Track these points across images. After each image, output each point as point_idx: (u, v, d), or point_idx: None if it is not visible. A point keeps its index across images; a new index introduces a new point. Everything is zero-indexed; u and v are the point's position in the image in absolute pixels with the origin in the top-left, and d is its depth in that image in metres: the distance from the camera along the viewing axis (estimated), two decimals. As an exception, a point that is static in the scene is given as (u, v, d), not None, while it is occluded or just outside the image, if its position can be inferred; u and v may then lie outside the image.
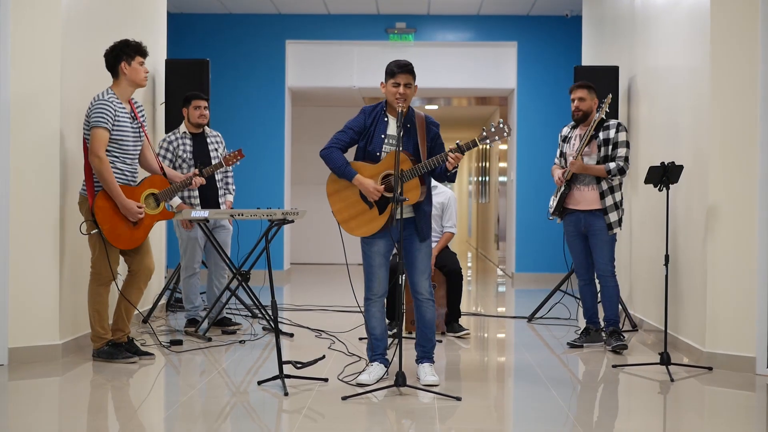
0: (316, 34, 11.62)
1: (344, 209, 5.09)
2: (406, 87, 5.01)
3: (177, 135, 6.90)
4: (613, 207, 6.20)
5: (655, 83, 6.99)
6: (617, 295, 6.31)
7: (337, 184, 5.10)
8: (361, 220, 5.06)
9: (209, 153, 6.92)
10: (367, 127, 5.07)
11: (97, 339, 5.68)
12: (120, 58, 5.57)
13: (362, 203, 5.06)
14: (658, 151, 6.77)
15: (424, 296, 5.14)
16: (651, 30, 7.13)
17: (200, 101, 6.91)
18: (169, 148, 6.84)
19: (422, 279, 5.13)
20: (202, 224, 6.68)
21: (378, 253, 5.09)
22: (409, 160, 4.97)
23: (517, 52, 11.55)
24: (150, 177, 5.77)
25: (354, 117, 5.15)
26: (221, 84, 11.33)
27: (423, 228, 5.09)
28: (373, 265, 5.10)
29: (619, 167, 6.13)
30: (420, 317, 5.18)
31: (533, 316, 7.83)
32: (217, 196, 6.93)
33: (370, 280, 5.11)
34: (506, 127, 4.90)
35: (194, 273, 7.00)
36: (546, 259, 11.43)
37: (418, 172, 4.92)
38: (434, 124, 5.16)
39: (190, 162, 6.82)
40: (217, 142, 7.05)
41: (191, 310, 7.03)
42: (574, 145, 6.38)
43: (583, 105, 6.31)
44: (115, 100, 5.51)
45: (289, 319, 7.66)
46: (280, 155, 11.64)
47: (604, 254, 6.25)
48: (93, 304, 5.64)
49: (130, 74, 5.57)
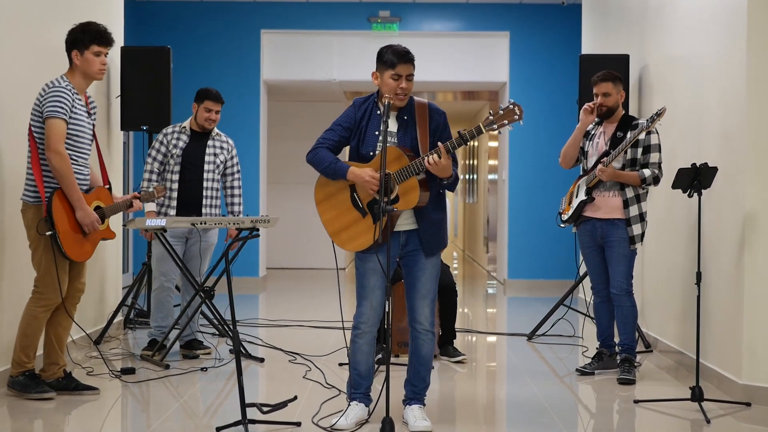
0: (293, 23, 10.95)
1: (335, 219, 4.25)
2: (408, 80, 4.20)
3: (176, 129, 6.09)
4: (638, 218, 5.40)
5: (673, 73, 6.21)
6: (633, 317, 5.52)
7: (327, 188, 4.27)
8: (353, 231, 4.22)
9: (204, 156, 6.08)
10: (358, 123, 4.25)
11: (15, 365, 4.83)
12: (73, 44, 4.76)
13: (354, 210, 4.23)
14: (677, 149, 5.99)
15: (424, 327, 4.29)
16: (667, 14, 6.35)
17: (214, 104, 6.07)
18: (164, 142, 6.03)
19: (423, 305, 4.29)
20: (160, 234, 5.84)
21: (374, 270, 4.23)
22: (406, 156, 4.15)
23: (509, 42, 10.93)
24: (98, 188, 4.96)
25: (345, 110, 4.33)
26: (190, 76, 10.53)
27: (429, 240, 4.24)
28: (366, 285, 4.26)
29: (654, 176, 5.35)
30: (415, 351, 4.34)
31: (534, 333, 7.03)
32: (200, 205, 6.07)
33: (362, 305, 4.27)
34: (517, 108, 4.05)
35: (162, 287, 6.11)
36: (540, 265, 10.77)
37: (412, 170, 4.10)
38: (438, 113, 4.33)
39: (177, 159, 6.00)
40: (223, 148, 6.19)
41: (156, 330, 6.18)
42: (597, 144, 5.58)
43: (608, 101, 5.51)
44: (72, 89, 4.70)
45: (260, 339, 6.82)
46: (255, 153, 10.94)
47: (621, 269, 5.46)
48: (24, 326, 4.78)
49: (81, 65, 4.76)
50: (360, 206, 4.21)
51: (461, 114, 16.63)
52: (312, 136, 4.28)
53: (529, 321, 7.60)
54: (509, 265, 10.89)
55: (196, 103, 6.08)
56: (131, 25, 10.23)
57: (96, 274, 6.61)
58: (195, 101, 6.08)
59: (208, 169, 6.09)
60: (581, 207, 5.57)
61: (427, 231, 4.22)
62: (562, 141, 5.82)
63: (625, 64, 6.90)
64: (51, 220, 4.61)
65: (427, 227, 4.22)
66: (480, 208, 15.23)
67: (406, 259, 4.26)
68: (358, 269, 4.27)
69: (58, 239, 4.63)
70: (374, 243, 4.09)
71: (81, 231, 4.77)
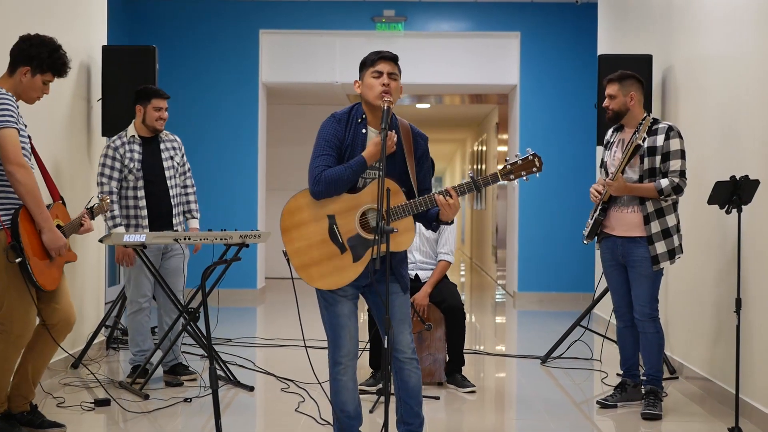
0: (293, 22, 10.40)
1: (304, 251, 3.70)
2: (392, 77, 3.68)
3: (123, 140, 5.56)
4: (661, 235, 4.84)
5: (703, 75, 5.68)
6: (659, 345, 4.98)
7: (298, 216, 3.71)
8: (327, 267, 3.69)
9: (162, 162, 5.60)
10: (341, 141, 3.73)
11: None
12: (27, 60, 4.18)
13: (331, 244, 3.68)
14: (708, 159, 5.46)
15: (407, 355, 3.77)
16: (695, 11, 5.83)
17: (162, 100, 5.58)
18: (116, 156, 5.51)
19: (402, 331, 3.76)
20: (140, 251, 5.33)
21: (343, 314, 3.73)
22: (401, 191, 3.67)
23: (520, 43, 10.35)
24: (56, 204, 4.44)
25: (322, 131, 3.75)
26: (185, 79, 10.11)
27: (402, 273, 3.80)
28: (340, 314, 3.73)
29: (674, 185, 4.78)
30: (402, 385, 3.80)
31: (548, 356, 6.50)
32: (171, 215, 5.59)
33: (340, 336, 3.74)
34: (537, 159, 3.65)
35: (141, 308, 5.63)
36: (552, 277, 10.22)
37: (411, 209, 3.61)
38: (421, 137, 3.84)
39: (138, 174, 5.50)
40: (175, 148, 5.71)
41: (137, 355, 5.67)
42: (615, 154, 5.05)
43: (614, 103, 4.98)
44: (11, 96, 4.15)
45: (252, 362, 6.31)
46: (254, 159, 10.41)
47: (643, 292, 4.93)
48: None
49: (24, 84, 4.19)
50: (339, 241, 3.69)
51: (469, 118, 16.12)
52: (313, 141, 3.73)
53: (542, 339, 7.08)
54: (519, 276, 10.36)
55: (140, 105, 5.59)
56: (122, 24, 9.77)
57: (74, 291, 6.11)
58: (138, 103, 5.60)
59: (169, 176, 5.63)
60: (598, 223, 5.05)
61: (401, 263, 3.80)
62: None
63: (648, 64, 6.36)
64: (19, 245, 4.08)
65: (401, 259, 3.80)
66: (488, 215, 14.71)
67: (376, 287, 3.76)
68: (326, 310, 3.76)
69: (29, 267, 4.11)
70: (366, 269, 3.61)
71: (47, 255, 4.25)
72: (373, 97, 3.66)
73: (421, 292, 5.55)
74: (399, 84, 3.72)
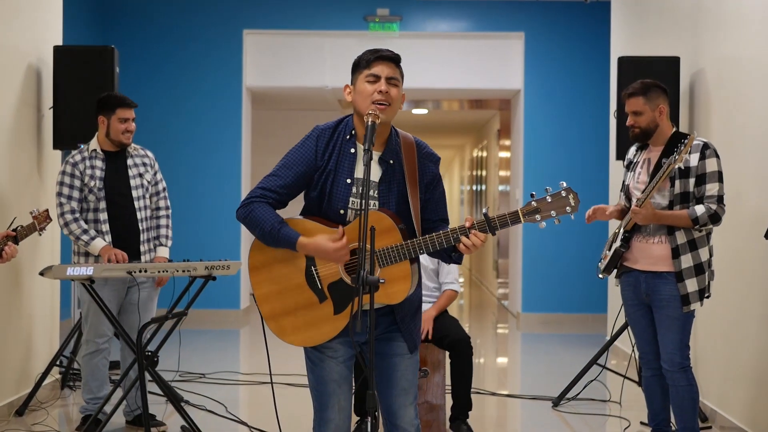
0: (280, 22, 9.81)
1: (275, 297, 2.96)
2: (391, 83, 2.92)
3: (84, 154, 4.84)
4: (693, 271, 4.08)
5: (739, 80, 4.96)
6: (692, 399, 4.20)
7: (270, 252, 2.97)
8: (303, 318, 2.94)
9: (129, 180, 4.86)
10: (321, 163, 2.97)
11: None
12: None
13: (308, 290, 2.94)
14: (748, 177, 4.72)
15: None
16: (728, 8, 5.10)
17: (128, 110, 4.86)
18: (75, 174, 4.77)
19: (406, 403, 3.04)
20: (87, 285, 4.58)
21: (331, 380, 2.99)
22: (398, 228, 2.89)
23: (524, 44, 9.73)
24: None
25: (294, 147, 3.01)
26: (162, 83, 9.48)
27: (410, 328, 3.02)
28: (328, 379, 3.00)
29: (711, 213, 4.02)
30: None
31: (561, 398, 5.76)
32: (138, 242, 4.86)
33: (323, 416, 3.02)
34: (572, 196, 2.85)
35: (98, 350, 4.87)
36: (558, 297, 9.57)
37: (411, 251, 2.86)
38: (432, 160, 3.07)
39: (99, 194, 4.78)
40: (145, 164, 4.96)
41: (89, 403, 4.91)
42: (639, 176, 4.29)
43: (641, 121, 4.20)
44: None
45: (225, 406, 5.56)
46: (237, 168, 9.78)
47: (672, 337, 4.16)
48: None
49: None
50: (318, 287, 2.93)
51: (468, 125, 15.52)
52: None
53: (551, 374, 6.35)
54: (523, 296, 9.68)
55: (102, 116, 4.85)
56: (90, 24, 9.10)
57: (21, 323, 5.37)
58: (101, 114, 4.86)
59: (137, 196, 4.90)
60: (618, 255, 4.30)
61: (406, 316, 3.01)
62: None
63: (675, 67, 5.64)
64: None
65: (407, 311, 3.01)
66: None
67: (377, 347, 3.01)
68: (312, 370, 3.03)
69: None
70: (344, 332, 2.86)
71: None
72: (366, 108, 2.90)
73: (424, 314, 4.81)
74: (400, 91, 2.95)
